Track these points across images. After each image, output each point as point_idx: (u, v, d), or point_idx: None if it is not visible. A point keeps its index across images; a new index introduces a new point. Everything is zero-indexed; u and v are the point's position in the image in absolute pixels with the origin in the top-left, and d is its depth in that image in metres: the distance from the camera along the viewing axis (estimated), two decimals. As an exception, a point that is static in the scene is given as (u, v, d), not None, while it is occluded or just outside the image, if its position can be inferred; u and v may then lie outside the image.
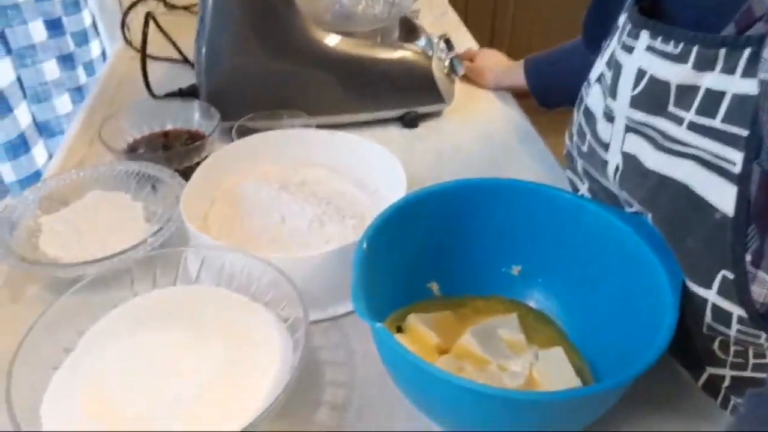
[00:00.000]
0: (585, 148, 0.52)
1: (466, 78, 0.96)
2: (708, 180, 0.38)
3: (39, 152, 0.86)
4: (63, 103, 0.95)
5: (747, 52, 0.35)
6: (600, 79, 0.50)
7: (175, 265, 0.52)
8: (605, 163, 0.49)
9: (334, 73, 0.77)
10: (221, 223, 0.60)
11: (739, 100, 0.36)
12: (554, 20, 2.30)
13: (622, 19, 0.47)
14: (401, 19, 0.88)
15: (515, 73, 0.91)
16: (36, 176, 0.83)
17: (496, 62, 0.96)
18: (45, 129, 0.93)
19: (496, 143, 0.82)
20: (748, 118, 0.35)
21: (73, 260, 0.55)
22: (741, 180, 0.36)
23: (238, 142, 0.67)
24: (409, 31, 0.88)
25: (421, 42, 0.83)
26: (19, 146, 0.80)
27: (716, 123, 0.37)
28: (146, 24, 0.78)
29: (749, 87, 0.35)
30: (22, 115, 0.82)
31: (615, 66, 0.46)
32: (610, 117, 0.47)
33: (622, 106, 0.45)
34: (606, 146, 0.48)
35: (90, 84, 1.04)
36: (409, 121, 0.83)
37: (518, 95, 0.94)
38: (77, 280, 0.49)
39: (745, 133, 0.36)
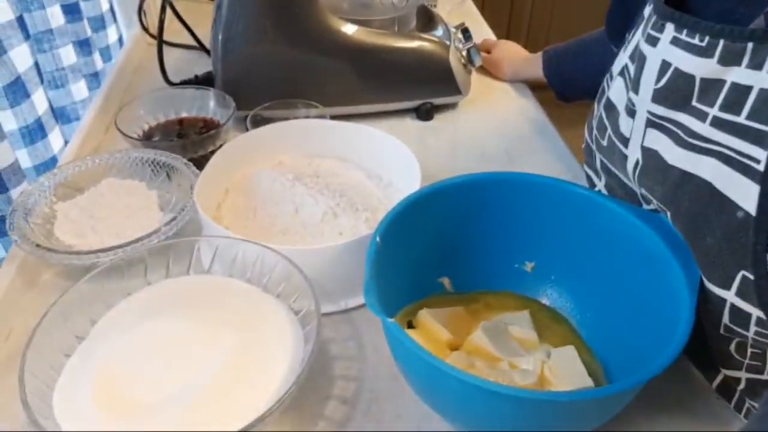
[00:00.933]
0: (605, 143, 0.51)
1: (483, 69, 0.95)
2: (731, 178, 0.37)
3: (55, 138, 0.86)
4: (79, 89, 0.96)
5: None
6: (623, 72, 0.49)
7: (189, 255, 0.52)
8: (625, 157, 0.48)
9: (351, 63, 0.77)
10: (235, 213, 0.60)
11: (766, 95, 0.35)
12: (574, 12, 2.27)
13: (648, 10, 0.46)
14: (419, 8, 0.87)
15: (533, 65, 0.90)
16: (52, 162, 0.84)
17: (513, 53, 0.95)
18: (61, 115, 0.93)
19: (511, 136, 0.81)
20: None
21: (88, 248, 0.55)
22: (765, 178, 0.35)
23: (252, 132, 0.67)
24: (427, 20, 0.87)
25: (439, 32, 0.82)
26: (36, 132, 0.80)
27: (741, 119, 0.36)
28: (163, 10, 0.78)
29: None
30: (40, 100, 0.82)
31: (639, 58, 0.45)
32: (631, 111, 0.46)
33: (644, 99, 0.44)
34: (626, 141, 0.47)
35: (106, 70, 1.04)
36: (425, 113, 0.82)
37: (535, 87, 0.93)
38: (91, 267, 0.49)
39: None
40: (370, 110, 0.81)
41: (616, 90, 0.50)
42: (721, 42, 0.37)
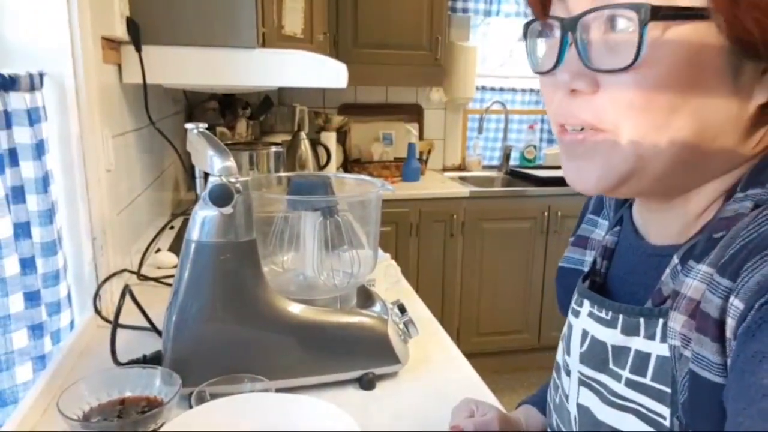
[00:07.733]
0: (557, 400, 0.56)
1: (421, 338, 1.02)
2: None
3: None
4: (24, 371, 0.95)
5: (660, 322, 0.42)
6: (563, 337, 0.57)
7: None
8: (568, 413, 0.53)
9: (297, 338, 0.82)
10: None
11: (661, 361, 0.42)
12: (500, 282, 2.49)
13: (576, 290, 0.56)
14: (359, 288, 0.97)
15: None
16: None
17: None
18: (-2, 399, 0.91)
19: (452, 403, 0.84)
20: (669, 377, 0.41)
21: None
22: None
23: (193, 411, 0.68)
24: (366, 297, 0.96)
25: (377, 307, 0.91)
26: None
27: (647, 381, 0.43)
28: (122, 297, 0.84)
29: (667, 351, 0.42)
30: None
31: (568, 327, 0.54)
32: (567, 371, 0.53)
33: (575, 361, 0.51)
34: (567, 397, 0.53)
35: (54, 352, 1.05)
36: (367, 383, 0.86)
37: (470, 356, 0.99)
38: None
39: (668, 390, 0.41)
40: (315, 382, 0.84)
41: (559, 353, 0.57)
42: (621, 317, 0.46)
